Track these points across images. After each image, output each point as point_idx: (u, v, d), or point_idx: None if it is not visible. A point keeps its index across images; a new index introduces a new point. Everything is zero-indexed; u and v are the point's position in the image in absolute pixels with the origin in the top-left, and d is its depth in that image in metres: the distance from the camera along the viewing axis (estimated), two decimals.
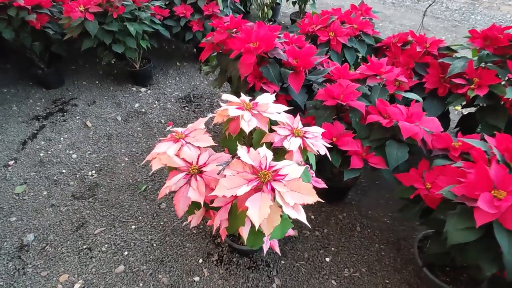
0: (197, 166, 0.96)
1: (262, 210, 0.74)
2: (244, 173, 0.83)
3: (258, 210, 0.75)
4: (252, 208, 0.75)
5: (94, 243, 1.53)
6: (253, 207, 0.75)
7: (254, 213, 0.74)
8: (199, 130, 1.05)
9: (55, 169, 1.93)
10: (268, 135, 1.02)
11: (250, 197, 0.77)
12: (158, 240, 1.54)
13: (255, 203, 0.76)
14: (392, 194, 1.73)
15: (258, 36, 1.39)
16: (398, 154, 1.17)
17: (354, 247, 1.47)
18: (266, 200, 0.76)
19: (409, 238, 1.52)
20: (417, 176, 1.14)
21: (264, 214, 0.74)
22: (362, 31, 1.76)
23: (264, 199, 0.77)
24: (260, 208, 0.75)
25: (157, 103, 2.47)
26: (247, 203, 0.76)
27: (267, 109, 1.03)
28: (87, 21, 2.09)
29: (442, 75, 1.51)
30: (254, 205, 0.76)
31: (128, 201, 1.73)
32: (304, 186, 0.80)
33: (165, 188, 0.92)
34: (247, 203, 0.76)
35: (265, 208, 0.74)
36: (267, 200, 0.76)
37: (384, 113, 1.26)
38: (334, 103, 1.27)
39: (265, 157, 0.87)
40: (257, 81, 1.42)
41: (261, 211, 0.74)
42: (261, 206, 0.75)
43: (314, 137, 1.03)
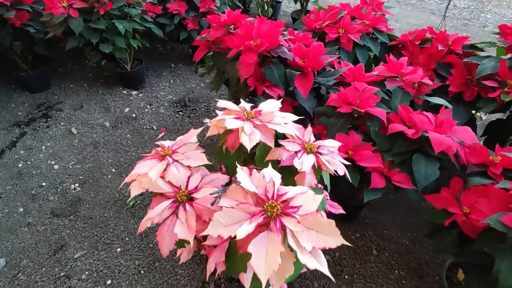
0: (187, 192, 0.77)
1: (270, 259, 0.56)
2: (246, 205, 0.64)
3: (264, 258, 0.56)
4: (257, 256, 0.56)
5: (73, 270, 1.34)
6: (258, 254, 0.57)
7: (260, 264, 0.56)
8: (190, 144, 0.87)
9: (34, 181, 1.74)
10: (274, 151, 0.83)
11: (254, 240, 0.58)
12: (146, 266, 1.34)
13: (260, 248, 0.57)
14: (410, 211, 1.55)
15: (259, 32, 1.21)
16: (427, 171, 0.98)
17: (371, 274, 1.29)
18: (275, 243, 0.57)
19: (432, 263, 1.34)
20: (450, 198, 0.96)
21: (273, 264, 0.55)
22: (375, 27, 1.58)
23: (272, 242, 0.58)
24: (268, 256, 0.56)
25: (149, 107, 2.28)
26: (250, 248, 0.57)
27: (272, 119, 0.84)
28: (71, 18, 1.90)
29: (469, 76, 1.33)
30: (259, 252, 0.57)
31: (113, 219, 1.54)
32: (325, 224, 0.61)
33: (146, 220, 0.73)
34: (250, 247, 0.57)
35: (275, 256, 0.56)
36: (276, 244, 0.57)
37: (408, 122, 1.08)
38: (349, 109, 1.08)
39: (271, 182, 0.68)
40: (259, 84, 1.24)
41: (270, 261, 0.56)
42: (269, 253, 0.56)
43: (329, 152, 0.85)
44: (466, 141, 1.01)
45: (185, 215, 0.72)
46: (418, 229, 1.47)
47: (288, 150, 0.81)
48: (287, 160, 0.80)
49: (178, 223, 0.71)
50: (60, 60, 2.71)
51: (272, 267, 0.55)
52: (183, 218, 0.71)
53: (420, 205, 1.58)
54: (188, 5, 2.36)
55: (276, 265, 0.55)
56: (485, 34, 3.15)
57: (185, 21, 2.35)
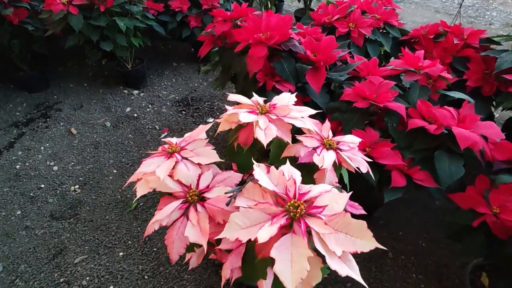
0: (198, 191, 0.71)
1: (297, 265, 0.49)
2: (266, 204, 0.58)
3: (290, 264, 0.50)
4: (281, 261, 0.50)
5: (74, 275, 1.27)
6: (282, 259, 0.50)
7: (285, 270, 0.49)
8: (199, 141, 0.81)
9: (33, 183, 1.67)
10: (291, 147, 0.77)
11: (277, 243, 0.52)
12: (151, 270, 1.28)
13: (284, 252, 0.51)
14: (425, 211, 1.49)
15: (269, 25, 1.15)
16: (451, 168, 0.92)
17: (388, 279, 1.22)
18: (301, 248, 0.51)
19: (450, 265, 1.27)
20: (477, 197, 0.90)
21: (300, 271, 0.49)
22: (386, 22, 1.52)
23: (297, 245, 0.52)
24: (293, 261, 0.50)
25: (151, 106, 2.22)
26: (273, 253, 0.51)
27: (288, 113, 0.78)
28: (71, 15, 1.85)
29: (487, 71, 1.27)
30: (283, 256, 0.51)
31: (115, 222, 1.48)
32: (355, 225, 0.55)
33: (153, 223, 0.66)
34: (272, 252, 0.51)
35: (301, 262, 0.50)
36: (302, 248, 0.51)
37: (428, 117, 1.02)
38: (365, 104, 1.02)
39: (292, 179, 0.62)
40: (269, 79, 1.18)
41: (296, 267, 0.49)
42: (295, 258, 0.50)
43: (350, 149, 0.79)
44: (492, 136, 0.95)
45: (196, 216, 0.66)
46: (434, 230, 1.40)
47: (307, 146, 0.75)
48: (306, 156, 0.74)
49: (189, 225, 0.65)
50: (60, 59, 2.66)
51: (300, 274, 0.48)
52: (195, 220, 0.65)
53: (436, 205, 1.52)
54: (191, 2, 2.31)
55: (304, 272, 0.48)
56: (492, 32, 3.10)
57: (188, 19, 2.29)
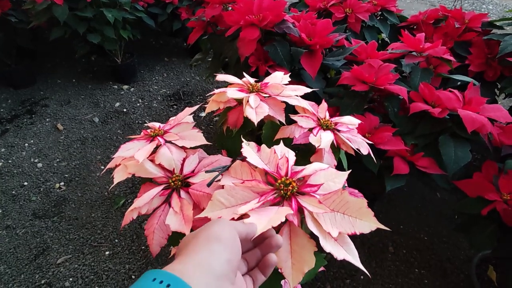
0: (181, 176, 0.63)
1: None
2: (254, 182, 0.51)
3: None
4: None
5: (56, 277, 1.19)
6: None
7: None
8: (184, 124, 0.73)
9: (15, 181, 1.59)
10: (285, 128, 0.70)
11: None
12: (138, 270, 1.20)
13: None
14: (425, 204, 1.43)
15: (261, 7, 1.09)
16: (457, 154, 0.86)
17: (389, 274, 1.16)
18: (291, 227, 0.44)
19: (454, 259, 1.21)
20: (486, 184, 0.84)
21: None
22: (384, 7, 1.47)
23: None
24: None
25: (141, 101, 2.14)
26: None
27: (282, 91, 0.71)
28: (55, 5, 1.76)
29: (490, 55, 1.22)
30: None
31: (101, 220, 1.40)
32: (353, 204, 0.48)
33: (131, 210, 0.59)
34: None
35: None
36: (292, 228, 0.44)
37: (431, 101, 0.96)
38: (365, 88, 0.96)
39: (285, 158, 0.55)
40: (261, 64, 1.11)
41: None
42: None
43: (349, 130, 0.72)
44: (499, 119, 0.89)
45: (179, 203, 0.59)
46: (435, 223, 1.34)
47: (302, 126, 0.68)
48: (301, 137, 0.68)
49: (171, 212, 0.57)
50: (47, 54, 2.57)
51: (288, 254, 0.42)
52: (177, 207, 0.58)
53: (435, 197, 1.46)
54: None
55: (293, 254, 0.42)
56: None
57: (179, 11, 2.22)
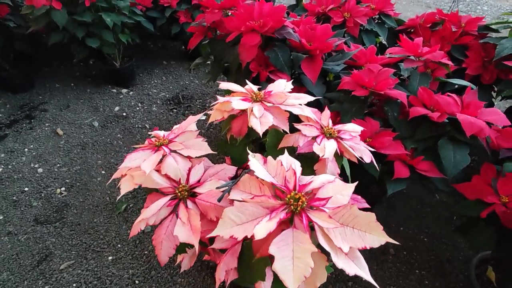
0: (188, 186, 0.65)
1: (299, 262, 0.44)
2: (263, 197, 0.52)
3: (291, 262, 0.44)
4: (281, 258, 0.44)
5: (59, 282, 1.20)
6: (283, 256, 0.45)
7: (286, 269, 0.43)
8: (188, 133, 0.74)
9: (16, 187, 1.59)
10: (289, 137, 0.71)
11: (276, 239, 0.46)
12: (142, 275, 1.21)
13: (285, 249, 0.45)
14: (424, 206, 1.45)
15: (262, 13, 1.10)
16: (456, 157, 0.87)
17: (390, 276, 1.17)
18: (304, 243, 0.45)
19: (453, 259, 1.23)
20: (484, 186, 0.85)
21: (303, 269, 0.43)
22: (382, 11, 1.48)
23: (299, 241, 0.46)
24: (295, 258, 0.44)
25: (141, 105, 2.14)
26: (272, 250, 0.45)
27: (285, 100, 0.73)
28: (54, 10, 1.77)
29: (486, 58, 1.24)
30: (284, 253, 0.45)
31: (104, 225, 1.40)
32: (363, 218, 0.50)
33: (139, 222, 0.60)
34: (271, 249, 0.45)
35: (304, 258, 0.44)
36: (305, 244, 0.45)
37: (430, 105, 0.97)
38: (365, 93, 0.97)
39: (291, 170, 0.56)
40: (262, 70, 1.12)
41: (299, 265, 0.44)
42: (297, 255, 0.44)
43: (352, 137, 0.74)
44: (497, 123, 0.91)
45: (186, 213, 0.60)
46: (435, 225, 1.36)
47: (306, 135, 0.70)
48: (305, 146, 0.69)
49: (178, 223, 0.58)
50: (45, 59, 2.56)
51: (303, 272, 0.43)
52: (185, 218, 0.59)
53: (434, 199, 1.48)
54: None
55: (308, 270, 0.43)
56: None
57: (177, 14, 2.23)
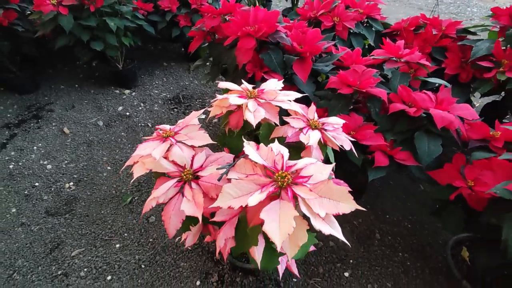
0: (192, 170, 0.75)
1: (284, 223, 0.54)
2: (255, 176, 0.63)
3: (278, 223, 0.55)
4: (269, 221, 0.55)
5: (71, 268, 1.30)
6: (271, 219, 0.55)
7: (274, 228, 0.54)
8: (192, 126, 0.85)
9: (27, 182, 1.69)
10: (279, 128, 0.82)
11: (266, 207, 0.57)
12: (147, 260, 1.31)
13: (273, 214, 0.56)
14: (408, 195, 1.56)
15: (257, 19, 1.21)
16: (430, 147, 0.98)
17: (375, 258, 1.28)
18: (288, 209, 0.56)
19: (434, 243, 1.34)
20: (454, 173, 0.96)
21: (287, 228, 0.54)
22: (369, 16, 1.59)
23: (285, 208, 0.57)
24: (280, 220, 0.55)
25: (143, 105, 2.25)
26: (263, 215, 0.56)
27: (276, 97, 0.83)
28: (61, 16, 1.87)
29: (464, 59, 1.35)
30: (272, 217, 0.56)
31: (111, 216, 1.50)
32: (337, 190, 0.60)
33: (150, 200, 0.71)
34: (262, 214, 0.56)
35: (288, 220, 0.55)
36: (289, 210, 0.56)
37: (408, 101, 1.08)
38: (349, 91, 1.08)
39: (280, 154, 0.67)
40: (257, 70, 1.23)
41: (283, 225, 0.54)
42: (282, 218, 0.55)
43: (334, 129, 0.84)
44: (467, 117, 1.02)
45: (191, 192, 0.70)
46: (418, 212, 1.47)
47: (293, 126, 0.80)
48: (293, 136, 0.80)
49: (184, 200, 0.69)
50: (49, 61, 2.67)
51: (287, 230, 0.53)
52: (190, 196, 0.69)
53: (418, 189, 1.59)
54: (180, 2, 2.35)
55: (290, 228, 0.53)
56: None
57: (177, 18, 2.33)
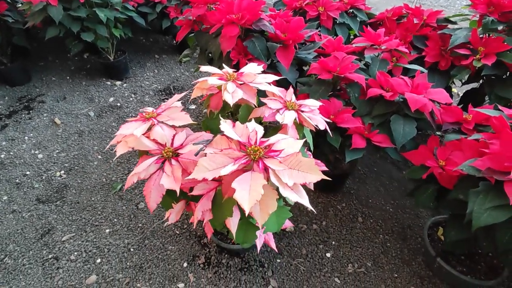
0: (172, 148, 0.78)
1: (253, 191, 0.58)
2: (230, 150, 0.66)
3: (248, 192, 0.59)
4: (240, 190, 0.59)
5: (62, 252, 1.33)
6: (242, 188, 0.59)
7: (244, 195, 0.58)
8: (174, 108, 0.88)
9: (18, 171, 1.71)
10: (257, 109, 0.85)
11: (238, 178, 0.61)
12: (136, 244, 1.35)
13: (244, 183, 0.60)
14: (391, 181, 1.60)
15: (241, 7, 1.23)
16: (405, 130, 1.02)
17: (357, 239, 1.33)
18: (258, 179, 0.60)
19: (414, 226, 1.39)
20: (428, 154, 1.00)
21: (256, 195, 0.57)
22: (354, 6, 1.63)
23: (255, 178, 0.60)
24: (251, 188, 0.59)
25: (134, 96, 2.27)
26: (234, 185, 0.59)
27: (254, 79, 0.87)
28: (50, 6, 1.88)
29: (443, 47, 1.39)
30: (243, 186, 0.59)
31: (101, 203, 1.54)
32: (305, 162, 0.64)
33: (132, 175, 0.74)
34: (234, 184, 0.59)
35: (257, 189, 0.58)
36: (259, 179, 0.60)
37: (386, 86, 1.12)
38: (329, 76, 1.12)
39: (254, 131, 0.71)
40: (242, 58, 1.26)
41: (253, 192, 0.58)
42: (252, 187, 0.59)
43: (310, 110, 0.88)
44: (441, 101, 1.06)
45: (171, 168, 0.73)
46: (400, 197, 1.52)
47: (271, 108, 0.84)
48: (270, 116, 0.83)
49: (164, 176, 0.72)
50: (41, 53, 2.67)
51: (255, 197, 0.57)
52: (169, 171, 0.73)
53: (401, 175, 1.64)
54: None
55: (258, 195, 0.57)
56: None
57: (168, 10, 2.35)
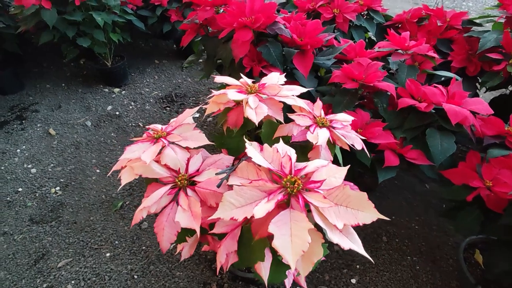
0: (187, 175, 0.67)
1: (297, 239, 0.46)
2: (260, 181, 0.55)
3: (290, 238, 0.47)
4: (280, 235, 0.47)
5: (57, 280, 1.20)
6: (281, 234, 0.47)
7: (285, 244, 0.46)
8: (186, 125, 0.76)
9: (9, 187, 1.58)
10: (283, 127, 0.74)
11: (275, 218, 0.49)
12: (140, 270, 1.22)
13: (283, 227, 0.48)
14: (414, 195, 1.49)
15: (253, 9, 1.12)
16: (443, 145, 0.91)
17: (383, 262, 1.21)
18: (301, 221, 0.48)
19: (443, 246, 1.28)
20: (470, 172, 0.89)
21: (301, 244, 0.46)
22: (370, 7, 1.52)
23: (296, 219, 0.49)
24: (293, 234, 0.47)
25: (134, 104, 2.15)
26: (271, 228, 0.48)
27: (279, 91, 0.75)
28: (44, 10, 1.76)
29: (471, 51, 1.28)
30: (282, 231, 0.48)
31: (101, 223, 1.41)
32: (355, 197, 0.53)
33: (141, 210, 0.62)
34: (271, 227, 0.48)
35: (302, 235, 0.47)
36: (302, 222, 0.48)
37: (417, 96, 1.01)
38: (355, 85, 1.01)
39: (287, 156, 0.59)
40: (255, 65, 1.15)
41: (296, 240, 0.46)
42: (295, 232, 0.47)
43: (343, 126, 0.77)
44: (481, 112, 0.95)
45: (187, 200, 0.62)
46: (425, 213, 1.41)
47: (299, 124, 0.72)
48: (299, 135, 0.72)
49: (179, 210, 0.61)
50: (35, 60, 2.54)
51: (301, 247, 0.45)
52: (185, 205, 0.61)
53: (424, 188, 1.53)
54: None
55: (305, 245, 0.45)
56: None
57: (168, 13, 2.23)
